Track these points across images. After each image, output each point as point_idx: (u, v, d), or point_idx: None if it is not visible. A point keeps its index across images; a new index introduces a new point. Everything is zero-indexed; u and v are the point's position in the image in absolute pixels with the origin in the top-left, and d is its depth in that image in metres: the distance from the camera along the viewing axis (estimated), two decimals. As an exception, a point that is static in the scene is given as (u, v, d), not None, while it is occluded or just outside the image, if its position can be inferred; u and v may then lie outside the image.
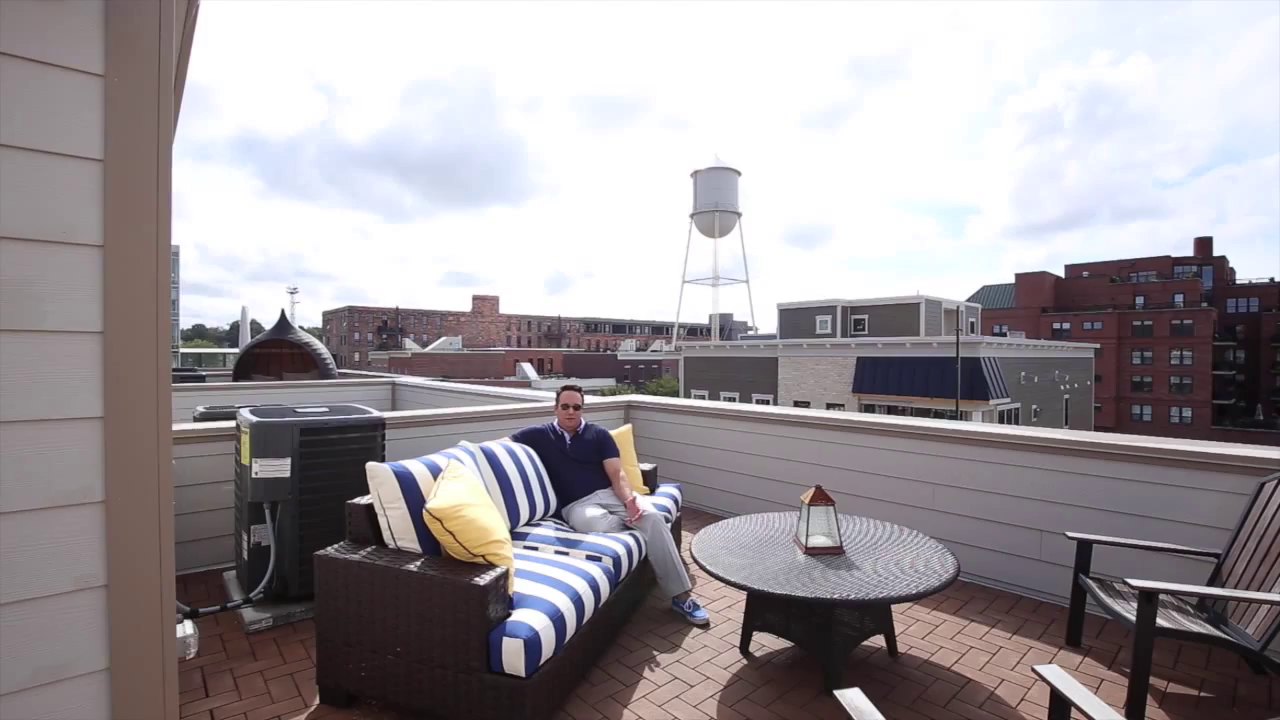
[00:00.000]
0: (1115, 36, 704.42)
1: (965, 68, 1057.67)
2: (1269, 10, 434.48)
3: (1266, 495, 2.91)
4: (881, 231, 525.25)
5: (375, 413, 3.86)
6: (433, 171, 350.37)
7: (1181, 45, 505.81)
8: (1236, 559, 2.95)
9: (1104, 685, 2.93)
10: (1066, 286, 63.34)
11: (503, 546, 2.67)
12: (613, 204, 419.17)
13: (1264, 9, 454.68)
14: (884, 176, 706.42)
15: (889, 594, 2.63)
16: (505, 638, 2.41)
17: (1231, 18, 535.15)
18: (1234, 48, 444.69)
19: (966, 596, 3.90)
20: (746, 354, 30.47)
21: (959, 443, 4.21)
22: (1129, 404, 54.46)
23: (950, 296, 30.21)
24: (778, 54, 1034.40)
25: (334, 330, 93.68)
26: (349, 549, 2.76)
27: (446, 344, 70.27)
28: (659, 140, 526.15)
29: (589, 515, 3.68)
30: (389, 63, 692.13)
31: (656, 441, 6.20)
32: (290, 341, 12.40)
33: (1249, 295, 61.42)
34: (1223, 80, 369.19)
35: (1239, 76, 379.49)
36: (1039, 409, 26.69)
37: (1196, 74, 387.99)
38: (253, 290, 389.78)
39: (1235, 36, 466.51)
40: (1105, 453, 3.64)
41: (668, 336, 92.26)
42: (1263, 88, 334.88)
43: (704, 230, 50.98)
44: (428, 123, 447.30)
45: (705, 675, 2.99)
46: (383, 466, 2.81)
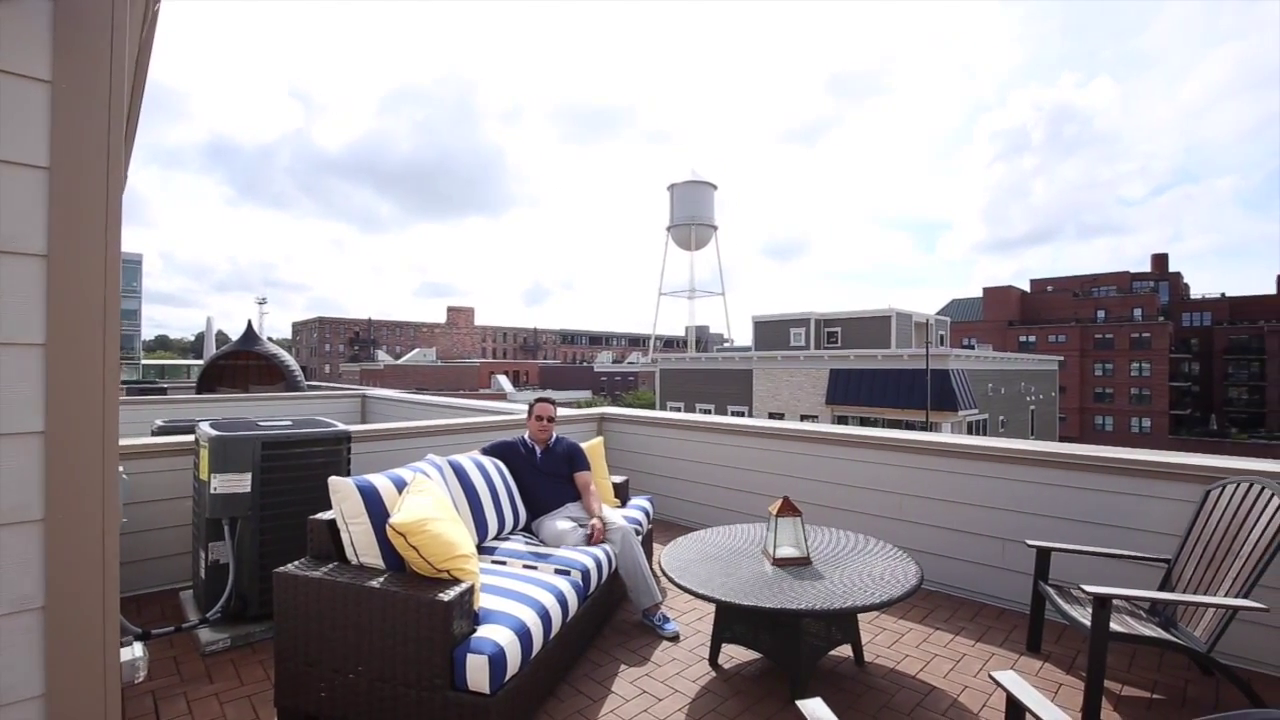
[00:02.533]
0: (1082, 59, 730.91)
1: (941, 87, 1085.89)
2: (1222, 38, 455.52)
3: (1212, 502, 3.02)
4: (857, 246, 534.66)
5: (341, 426, 3.80)
6: (410, 181, 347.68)
7: (1142, 69, 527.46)
8: (1185, 564, 3.04)
9: (1062, 689, 2.99)
10: (1032, 300, 65.08)
11: (468, 561, 2.64)
12: (592, 216, 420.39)
13: (1217, 37, 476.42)
14: (860, 192, 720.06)
15: (854, 604, 2.65)
16: (469, 654, 2.37)
17: (1187, 45, 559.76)
18: (1190, 73, 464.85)
19: (932, 605, 3.95)
20: (722, 366, 30.65)
21: (924, 453, 4.28)
22: (1092, 415, 55.99)
23: (921, 310, 30.81)
24: (759, 69, 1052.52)
25: (304, 342, 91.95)
26: (310, 566, 2.70)
27: (420, 356, 69.43)
28: (639, 153, 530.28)
29: (559, 529, 3.65)
30: (367, 70, 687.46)
31: (630, 454, 6.19)
32: (257, 353, 12.13)
33: (1202, 309, 63.84)
34: (1180, 104, 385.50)
35: (1195, 101, 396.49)
36: (1006, 420, 27.28)
37: (1156, 97, 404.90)
38: (220, 300, 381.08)
39: (1191, 63, 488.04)
40: (1063, 462, 3.74)
41: (644, 348, 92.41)
42: (1217, 112, 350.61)
43: (680, 243, 51.30)
44: (406, 132, 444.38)
45: (674, 688, 2.98)
46: (345, 481, 2.76)
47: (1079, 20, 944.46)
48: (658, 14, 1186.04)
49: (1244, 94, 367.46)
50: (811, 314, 30.31)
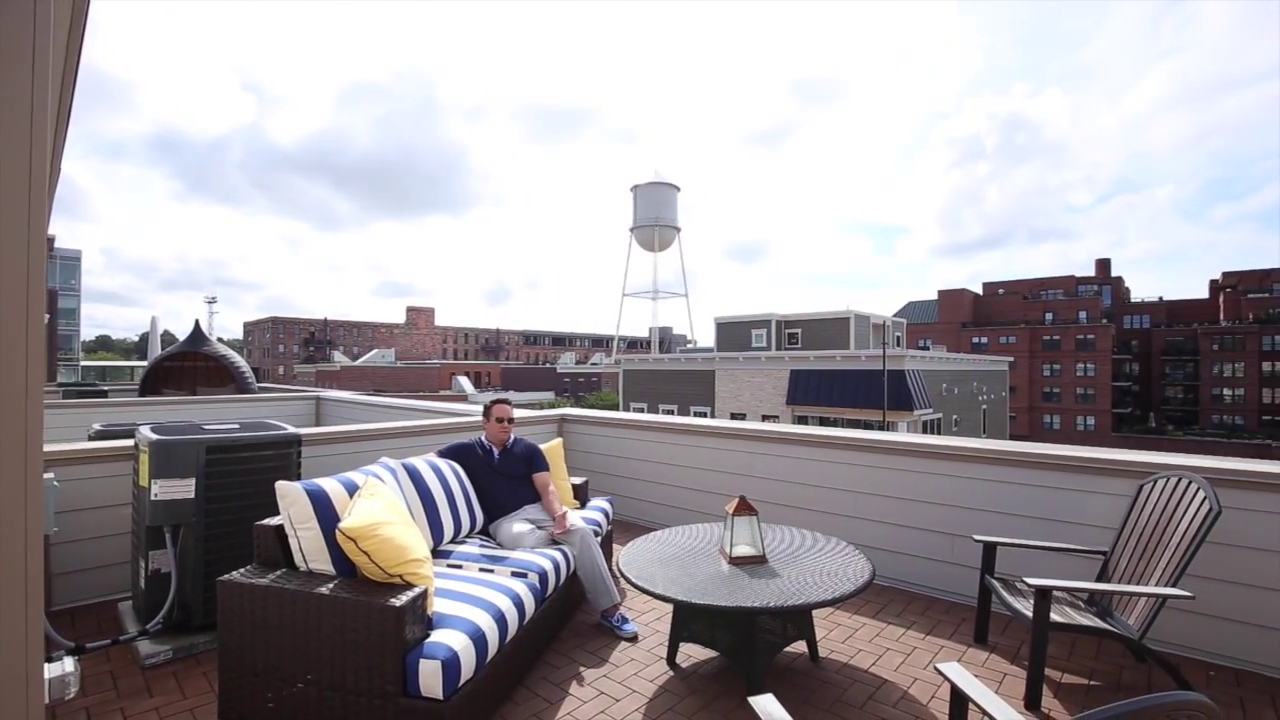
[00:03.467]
0: (1033, 71, 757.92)
1: (900, 94, 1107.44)
2: (1161, 54, 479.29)
3: (1144, 496, 3.17)
4: (818, 248, 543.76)
5: (291, 429, 3.69)
6: (370, 178, 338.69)
7: (1087, 82, 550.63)
8: (1120, 556, 3.19)
9: (1007, 679, 3.10)
10: (984, 303, 67.29)
11: (422, 565, 2.60)
12: (555, 216, 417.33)
13: (1156, 54, 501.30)
14: (822, 195, 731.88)
15: (807, 600, 2.70)
16: (422, 659, 2.34)
17: (1128, 60, 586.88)
18: (1131, 87, 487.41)
19: (885, 600, 4.05)
20: (684, 367, 30.82)
21: (877, 452, 4.39)
22: (1040, 413, 58.19)
23: (879, 312, 31.54)
24: (724, 72, 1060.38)
25: (256, 342, 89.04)
26: (256, 573, 2.62)
27: (378, 357, 67.92)
28: (603, 153, 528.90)
29: (516, 531, 3.62)
30: (324, 63, 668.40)
31: (590, 455, 6.18)
32: (205, 354, 11.69)
33: (1142, 312, 67.05)
34: (1122, 116, 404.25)
35: (1136, 113, 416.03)
36: (959, 419, 28.14)
37: (1100, 109, 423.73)
38: (166, 299, 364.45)
39: (1132, 77, 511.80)
40: (1008, 460, 3.87)
41: (608, 349, 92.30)
42: (1156, 125, 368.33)
43: (644, 244, 51.43)
44: (365, 127, 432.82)
45: (631, 689, 2.98)
46: (293, 485, 2.68)
47: (1029, 33, 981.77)
48: (623, 14, 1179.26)
49: (1181, 107, 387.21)
50: (773, 315, 30.74)
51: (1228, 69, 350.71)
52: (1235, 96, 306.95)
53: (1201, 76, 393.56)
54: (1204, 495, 2.81)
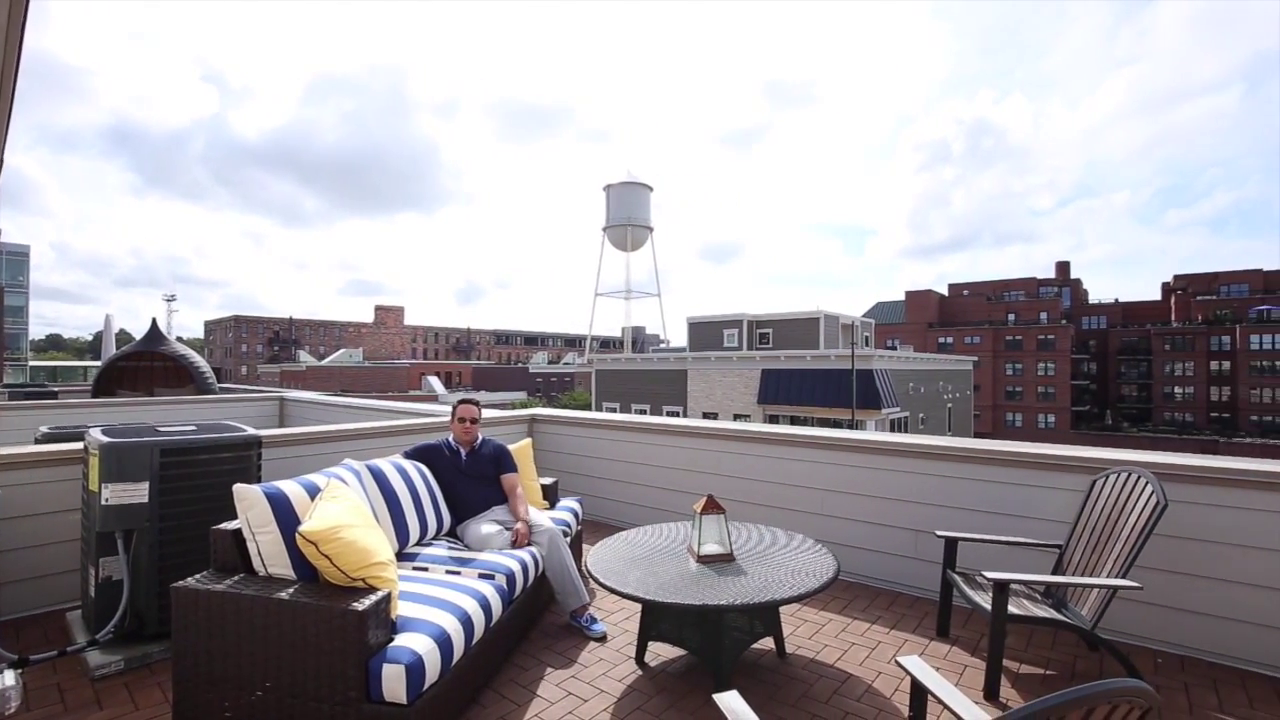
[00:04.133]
0: (998, 78, 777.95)
1: (869, 99, 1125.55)
2: (1117, 64, 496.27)
3: (1097, 491, 3.28)
4: (790, 249, 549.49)
5: (251, 430, 3.60)
6: (338, 174, 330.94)
7: (1049, 89, 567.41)
8: (1075, 549, 3.29)
9: (968, 671, 3.18)
10: (950, 304, 68.81)
11: (385, 569, 2.56)
12: (528, 214, 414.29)
13: (1113, 63, 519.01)
14: (794, 197, 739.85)
15: (773, 597, 2.73)
16: (385, 664, 2.30)
17: (1087, 69, 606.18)
18: (1090, 95, 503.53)
19: (851, 596, 4.11)
20: (657, 367, 30.89)
21: (843, 450, 4.46)
22: (1003, 411, 59.75)
23: (848, 312, 32.03)
24: (697, 73, 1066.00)
25: (218, 341, 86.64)
26: (212, 578, 2.55)
27: (346, 357, 66.61)
28: (577, 152, 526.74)
29: (484, 532, 3.59)
30: (291, 55, 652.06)
31: (561, 455, 6.15)
32: (162, 353, 11.31)
33: (1099, 313, 69.32)
34: (1082, 123, 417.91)
35: (1095, 121, 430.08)
36: (925, 417, 28.73)
37: (1061, 116, 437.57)
38: (122, 297, 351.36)
39: (1091, 86, 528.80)
40: (969, 457, 3.97)
41: (580, 349, 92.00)
42: (1113, 132, 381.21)
43: (616, 244, 51.36)
44: (333, 122, 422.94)
45: (600, 689, 2.98)
46: (252, 488, 2.61)
47: (995, 41, 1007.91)
48: (598, 12, 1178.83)
49: (1136, 116, 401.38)
50: (744, 315, 30.99)
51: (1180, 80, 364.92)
52: (1186, 107, 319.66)
53: (1155, 87, 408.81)
54: (1152, 489, 2.92)
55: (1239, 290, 60.13)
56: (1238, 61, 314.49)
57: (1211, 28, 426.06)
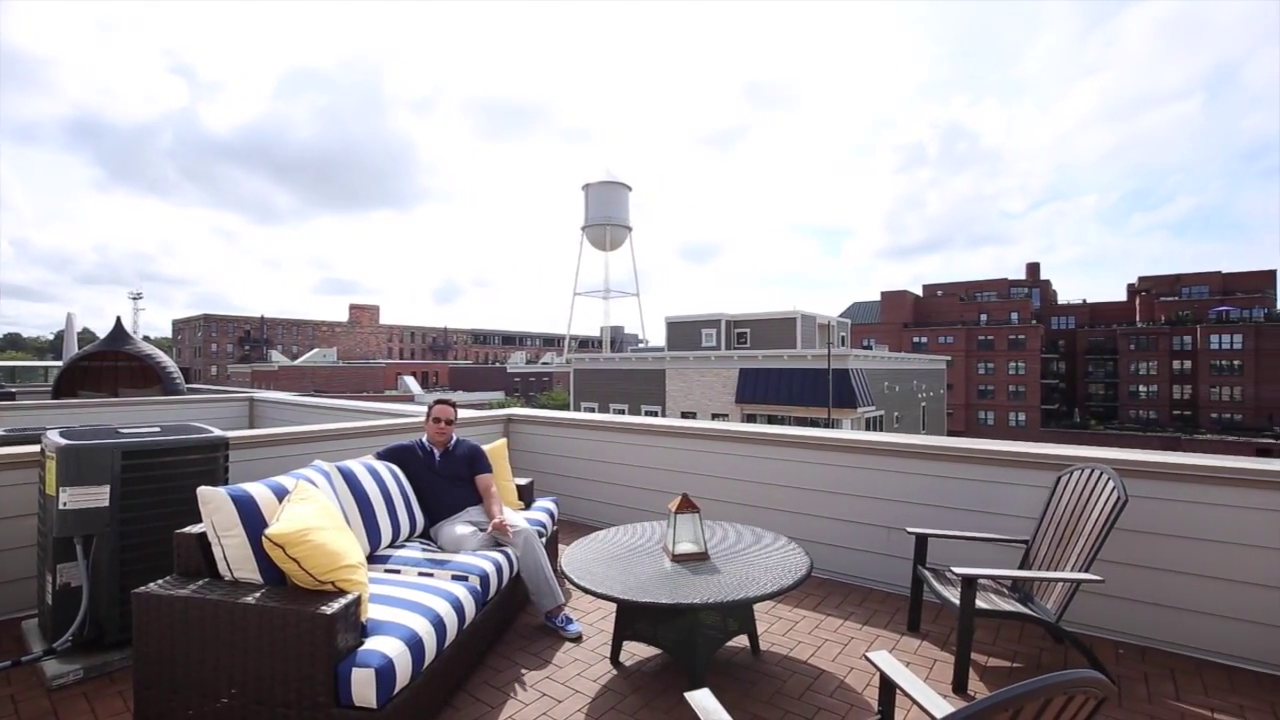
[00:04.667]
0: (972, 82, 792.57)
1: (847, 101, 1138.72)
2: (1086, 71, 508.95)
3: (1061, 487, 3.36)
4: (768, 250, 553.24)
5: (218, 431, 3.52)
6: (311, 170, 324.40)
7: (1021, 94, 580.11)
8: (1040, 544, 3.37)
9: (937, 665, 3.23)
10: (924, 304, 69.89)
11: (355, 571, 2.52)
12: (506, 213, 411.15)
13: (1082, 70, 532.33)
14: (772, 198, 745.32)
15: (746, 595, 2.75)
16: (355, 668, 2.27)
17: (1057, 76, 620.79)
18: (1060, 101, 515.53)
19: (825, 592, 4.16)
20: (635, 366, 30.90)
21: (817, 449, 4.50)
22: (976, 410, 60.87)
23: (825, 312, 32.34)
24: (677, 73, 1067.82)
25: (186, 341, 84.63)
26: (176, 584, 2.49)
27: (319, 356, 65.49)
28: (556, 151, 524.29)
29: (458, 533, 3.55)
30: (263, 48, 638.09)
31: (538, 455, 6.12)
32: (127, 353, 11.00)
33: (1068, 314, 71.00)
34: (1052, 128, 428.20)
35: (1065, 126, 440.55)
36: (900, 416, 29.15)
37: (1032, 120, 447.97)
38: (86, 295, 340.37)
39: (1061, 92, 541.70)
40: (939, 454, 4.03)
41: (559, 349, 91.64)
42: (1082, 137, 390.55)
43: (595, 243, 51.26)
44: (307, 117, 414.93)
45: (574, 689, 2.97)
46: (217, 491, 2.56)
47: (968, 46, 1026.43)
48: (577, 9, 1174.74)
49: (1105, 122, 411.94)
50: (722, 315, 31.14)
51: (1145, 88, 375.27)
52: (1152, 114, 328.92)
53: (1122, 94, 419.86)
54: (1113, 485, 2.99)
55: (1199, 292, 62.04)
56: (1200, 71, 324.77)
57: (1175, 38, 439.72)
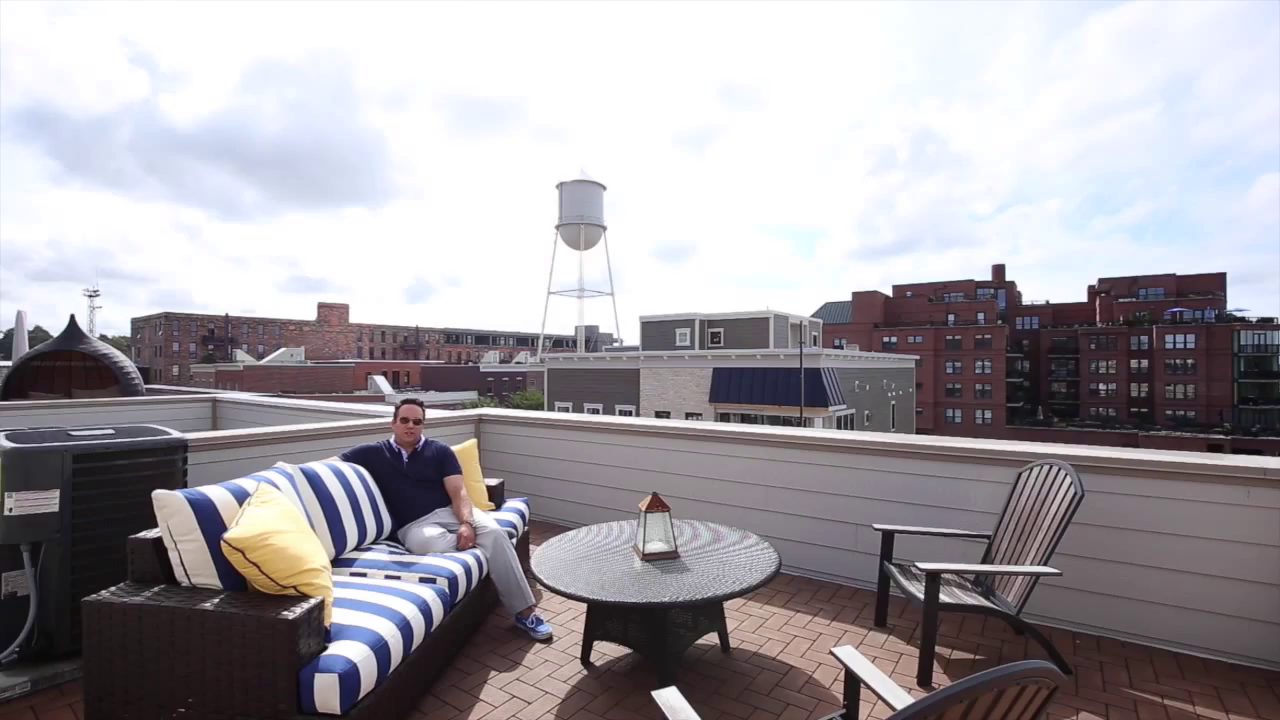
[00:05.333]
0: (942, 86, 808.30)
1: (821, 103, 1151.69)
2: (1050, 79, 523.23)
3: (1022, 483, 3.45)
4: (743, 250, 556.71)
5: (176, 433, 3.42)
6: (279, 166, 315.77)
7: (988, 100, 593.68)
8: (1002, 538, 3.45)
9: (903, 659, 3.29)
10: (894, 304, 71.11)
11: (319, 575, 2.47)
12: (479, 211, 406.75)
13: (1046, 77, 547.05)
14: (747, 198, 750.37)
15: (715, 593, 2.76)
16: (318, 674, 2.22)
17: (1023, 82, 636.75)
18: (1026, 107, 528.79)
19: (795, 589, 4.20)
20: (610, 366, 30.87)
21: (787, 447, 4.55)
22: (944, 408, 62.15)
23: (798, 312, 32.70)
24: (652, 73, 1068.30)
25: (146, 340, 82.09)
26: (129, 591, 2.41)
27: (286, 356, 64.05)
28: (530, 149, 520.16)
29: (426, 535, 3.51)
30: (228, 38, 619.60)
31: (509, 456, 6.08)
32: (82, 353, 10.62)
33: (1032, 314, 72.90)
34: (1018, 133, 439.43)
35: (1030, 131, 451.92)
36: (870, 414, 29.61)
37: (999, 125, 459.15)
38: (39, 292, 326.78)
39: (1026, 98, 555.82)
40: (904, 452, 4.10)
41: (533, 348, 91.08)
42: (1046, 142, 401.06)
43: (569, 242, 51.10)
44: (274, 111, 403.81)
45: (544, 691, 2.95)
46: (174, 495, 2.48)
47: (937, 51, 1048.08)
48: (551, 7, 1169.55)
49: (1068, 128, 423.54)
50: (696, 315, 31.29)
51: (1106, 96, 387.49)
52: (1112, 121, 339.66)
53: (1084, 101, 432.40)
54: (1070, 481, 3.08)
55: (1155, 293, 64.19)
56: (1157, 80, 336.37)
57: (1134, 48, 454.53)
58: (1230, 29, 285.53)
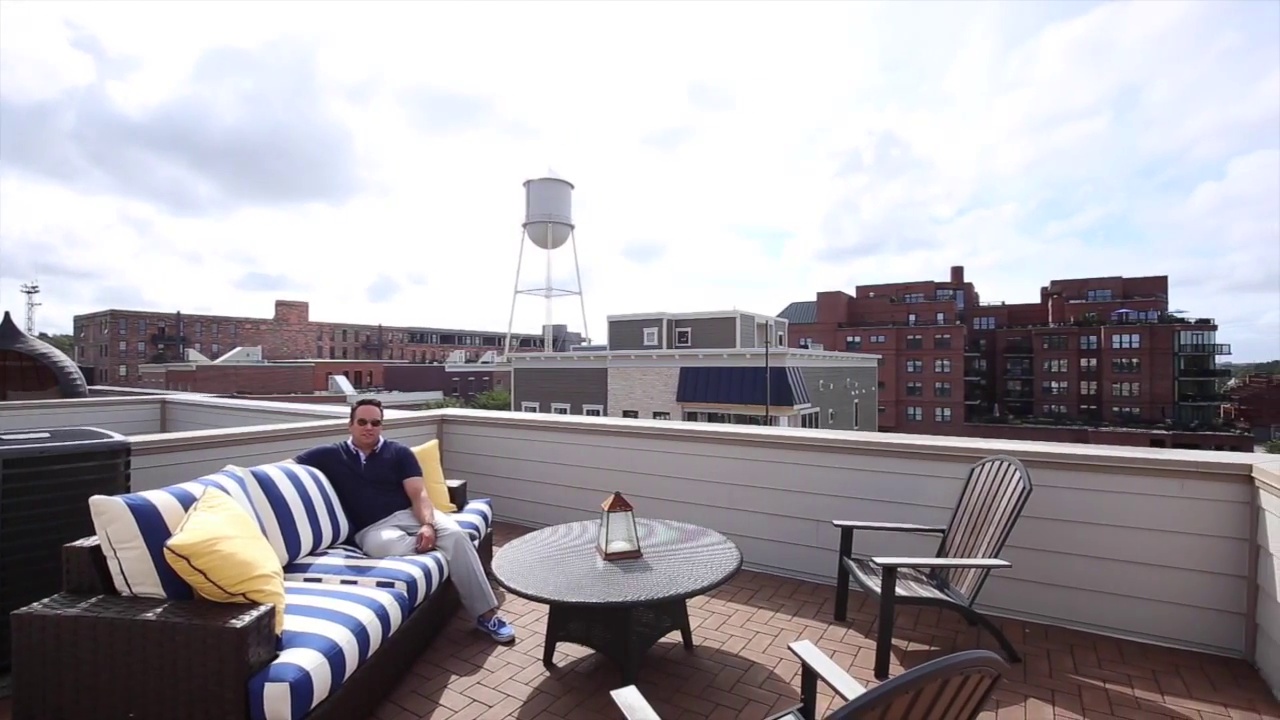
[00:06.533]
0: (904, 92, 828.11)
1: (789, 106, 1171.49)
2: (1007, 87, 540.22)
3: (974, 479, 3.55)
4: (711, 250, 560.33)
5: (118, 436, 3.28)
6: (236, 158, 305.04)
7: (948, 105, 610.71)
8: (955, 533, 3.54)
9: (861, 652, 3.35)
10: (857, 305, 72.49)
11: (269, 581, 2.40)
12: (446, 208, 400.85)
13: (1003, 86, 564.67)
14: (716, 199, 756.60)
15: (679, 591, 2.77)
16: (268, 683, 2.16)
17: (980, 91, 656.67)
18: (984, 114, 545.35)
19: (758, 586, 4.25)
20: (577, 365, 30.76)
21: (749, 445, 4.59)
22: (905, 406, 63.62)
23: (764, 312, 33.04)
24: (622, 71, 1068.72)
25: (91, 339, 78.64)
26: (64, 602, 2.31)
27: (242, 355, 62.09)
28: (497, 146, 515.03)
29: (385, 539, 3.43)
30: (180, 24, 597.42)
31: (473, 456, 6.00)
32: (18, 352, 10.12)
33: (988, 315, 75.10)
34: (976, 139, 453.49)
35: (988, 137, 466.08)
36: (834, 412, 30.13)
37: (959, 131, 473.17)
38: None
39: (984, 106, 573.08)
40: (863, 449, 4.18)
41: (500, 347, 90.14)
42: (1003, 149, 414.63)
43: (537, 241, 50.69)
44: (231, 101, 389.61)
45: (506, 694, 2.92)
46: (113, 500, 2.38)
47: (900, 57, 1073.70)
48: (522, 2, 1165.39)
49: (1024, 136, 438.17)
50: (664, 314, 31.38)
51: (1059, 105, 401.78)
52: (1065, 129, 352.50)
53: (1039, 110, 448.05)
54: (1019, 475, 3.18)
55: (1103, 295, 66.79)
56: (1107, 91, 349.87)
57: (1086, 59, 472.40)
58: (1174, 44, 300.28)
